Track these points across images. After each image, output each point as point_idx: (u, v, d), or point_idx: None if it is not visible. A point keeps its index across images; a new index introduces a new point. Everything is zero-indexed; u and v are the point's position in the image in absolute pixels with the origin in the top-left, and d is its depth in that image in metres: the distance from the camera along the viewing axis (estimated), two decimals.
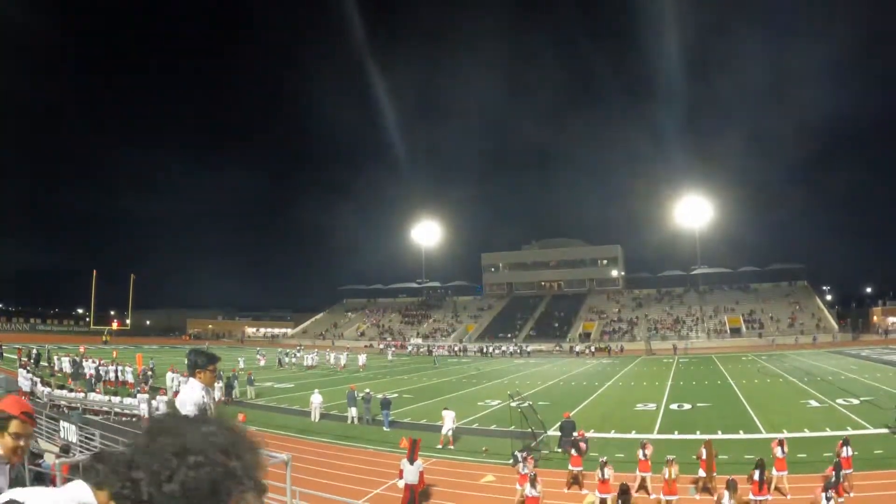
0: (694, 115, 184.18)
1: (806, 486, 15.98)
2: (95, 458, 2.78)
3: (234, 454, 1.39)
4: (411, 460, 16.56)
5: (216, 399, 32.11)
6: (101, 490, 1.63)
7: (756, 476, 14.79)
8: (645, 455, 17.48)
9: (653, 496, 16.61)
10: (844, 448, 16.78)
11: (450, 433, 23.88)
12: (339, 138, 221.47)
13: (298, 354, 67.43)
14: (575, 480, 18.15)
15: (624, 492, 13.76)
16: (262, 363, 61.66)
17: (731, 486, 13.49)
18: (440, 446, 23.43)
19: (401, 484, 16.69)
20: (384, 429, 27.21)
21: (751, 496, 14.74)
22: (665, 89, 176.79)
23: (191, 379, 6.23)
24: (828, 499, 13.17)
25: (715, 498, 14.98)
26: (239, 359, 56.40)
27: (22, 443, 3.41)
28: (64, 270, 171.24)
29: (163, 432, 1.41)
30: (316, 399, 29.89)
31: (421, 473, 16.79)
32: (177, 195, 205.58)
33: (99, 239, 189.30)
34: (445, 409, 25.17)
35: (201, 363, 6.11)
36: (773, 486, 16.12)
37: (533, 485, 14.74)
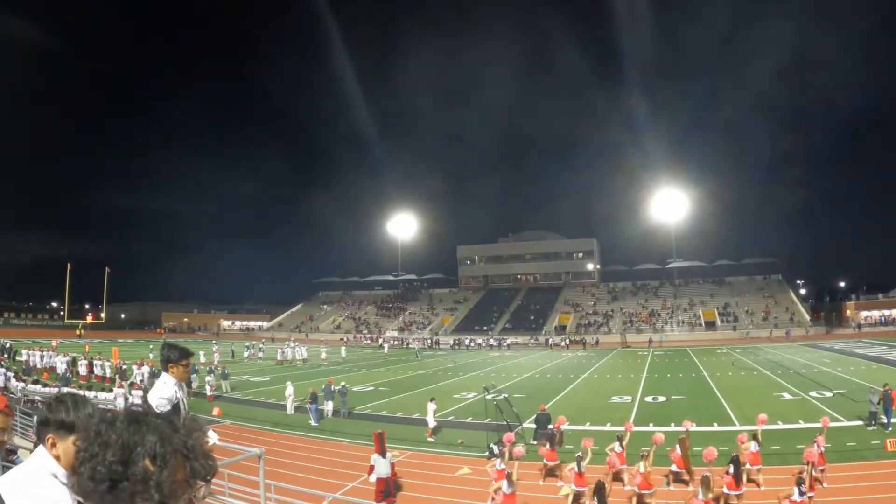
0: (670, 110, 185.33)
1: (779, 479, 16.13)
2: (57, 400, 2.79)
3: (161, 465, 1.42)
4: (383, 453, 16.59)
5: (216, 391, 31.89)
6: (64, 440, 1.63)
7: (731, 471, 14.90)
8: (621, 447, 17.60)
9: (627, 488, 16.69)
10: (817, 444, 16.96)
11: (431, 423, 24.07)
12: (315, 132, 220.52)
13: (264, 347, 67.16)
14: (550, 472, 18.21)
15: (599, 487, 13.78)
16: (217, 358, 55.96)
17: (705, 482, 13.56)
18: (430, 438, 23.64)
19: (372, 479, 16.72)
20: (311, 423, 27.15)
21: (725, 490, 14.84)
22: (642, 83, 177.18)
23: (163, 374, 6.15)
24: (801, 493, 13.28)
25: (690, 489, 15.07)
26: (214, 352, 56.07)
27: (5, 437, 3.36)
28: (38, 264, 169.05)
29: (108, 422, 1.47)
30: (289, 391, 29.85)
31: (392, 465, 16.82)
32: (151, 189, 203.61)
33: (73, 232, 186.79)
34: (432, 399, 25.40)
35: (174, 358, 6.03)
36: (746, 480, 16.29)
37: (509, 480, 14.72)
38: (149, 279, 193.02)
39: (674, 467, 17.15)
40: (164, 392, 5.88)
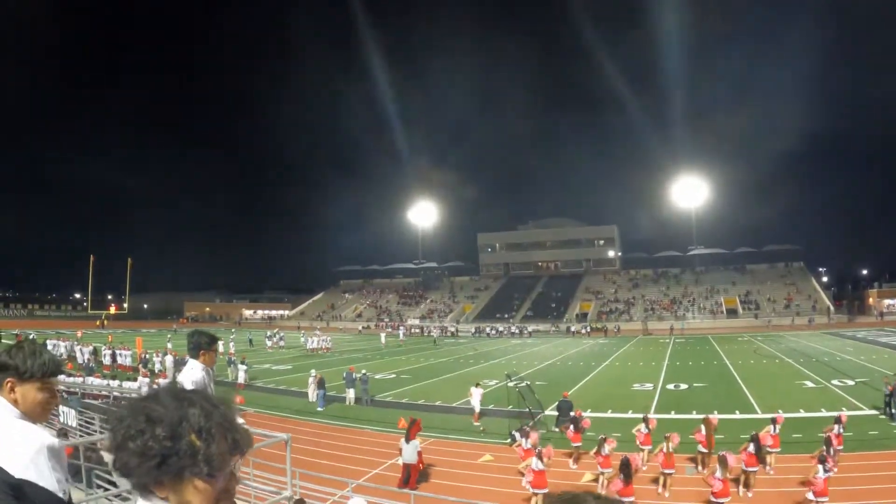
0: (691, 96, 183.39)
1: (800, 467, 16.08)
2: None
3: (207, 438, 1.46)
4: (408, 439, 16.68)
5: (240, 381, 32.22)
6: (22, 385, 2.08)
7: (751, 448, 15.01)
8: (648, 429, 17.68)
9: (642, 468, 16.63)
10: (836, 426, 16.96)
11: (477, 408, 24.47)
12: (336, 120, 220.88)
13: (283, 335, 67.62)
14: (578, 457, 18.29)
15: (625, 464, 13.86)
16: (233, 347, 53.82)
17: (723, 462, 13.64)
18: (476, 423, 23.90)
19: (400, 462, 16.83)
20: (318, 408, 27.56)
21: (744, 467, 14.97)
22: (662, 70, 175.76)
23: (191, 360, 6.24)
24: (826, 470, 13.36)
25: (707, 471, 15.12)
26: (231, 342, 56.55)
27: None
28: (61, 256, 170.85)
29: (151, 398, 1.51)
30: (312, 378, 30.04)
31: (419, 453, 16.88)
32: (173, 178, 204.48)
33: (95, 224, 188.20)
34: (476, 385, 25.72)
35: (204, 344, 6.12)
36: (767, 464, 16.35)
37: (540, 458, 14.83)
38: (170, 269, 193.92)
39: (700, 448, 17.10)
40: (194, 376, 5.99)
